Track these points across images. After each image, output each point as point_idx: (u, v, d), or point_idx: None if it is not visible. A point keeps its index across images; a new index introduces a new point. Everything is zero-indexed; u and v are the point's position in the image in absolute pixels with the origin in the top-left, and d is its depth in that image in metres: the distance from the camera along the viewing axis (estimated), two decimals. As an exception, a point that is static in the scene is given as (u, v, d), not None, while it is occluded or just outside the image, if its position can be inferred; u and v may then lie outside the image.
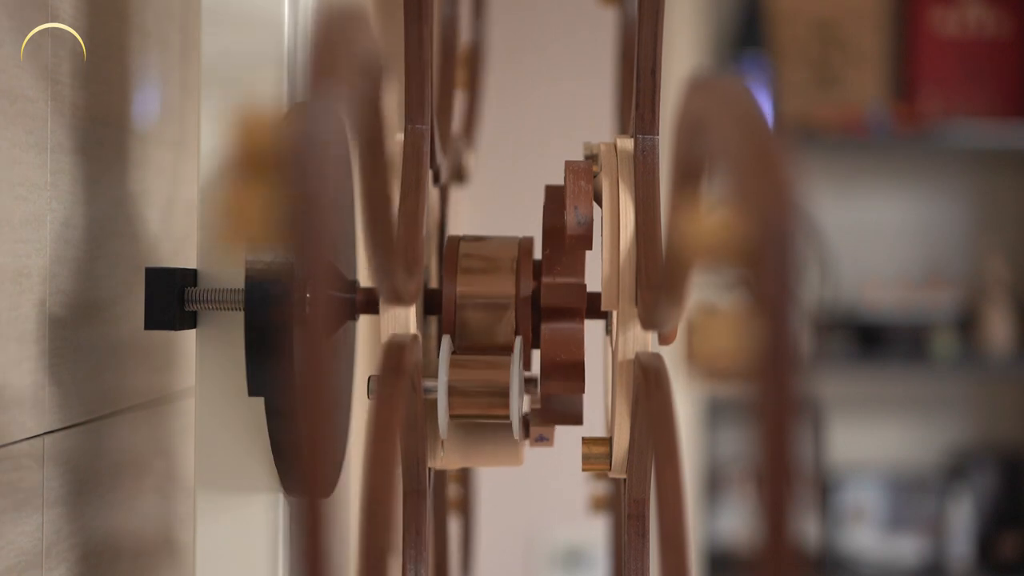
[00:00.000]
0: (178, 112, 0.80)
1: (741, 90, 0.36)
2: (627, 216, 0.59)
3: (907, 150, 2.51)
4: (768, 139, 0.32)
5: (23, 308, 0.57)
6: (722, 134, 0.34)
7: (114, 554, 0.69)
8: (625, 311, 0.59)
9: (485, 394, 0.61)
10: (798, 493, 0.28)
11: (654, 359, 0.57)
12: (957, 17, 2.48)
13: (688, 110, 0.39)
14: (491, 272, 0.63)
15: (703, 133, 0.37)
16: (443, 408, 0.60)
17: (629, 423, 0.59)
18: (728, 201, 0.31)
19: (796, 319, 0.28)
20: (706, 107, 0.37)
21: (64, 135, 0.61)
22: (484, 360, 0.61)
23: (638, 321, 0.58)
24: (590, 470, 0.62)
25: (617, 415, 0.59)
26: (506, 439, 0.65)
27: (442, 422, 0.60)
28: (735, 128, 0.33)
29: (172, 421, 0.79)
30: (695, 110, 0.39)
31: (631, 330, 0.59)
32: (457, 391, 0.60)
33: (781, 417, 0.28)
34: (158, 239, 0.75)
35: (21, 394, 0.57)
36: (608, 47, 1.10)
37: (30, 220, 0.58)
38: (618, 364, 0.59)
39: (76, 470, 0.63)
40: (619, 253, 0.59)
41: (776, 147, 0.31)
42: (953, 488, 2.46)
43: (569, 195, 0.57)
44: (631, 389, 0.58)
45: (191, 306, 0.59)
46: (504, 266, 0.63)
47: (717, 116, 0.35)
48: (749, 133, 0.32)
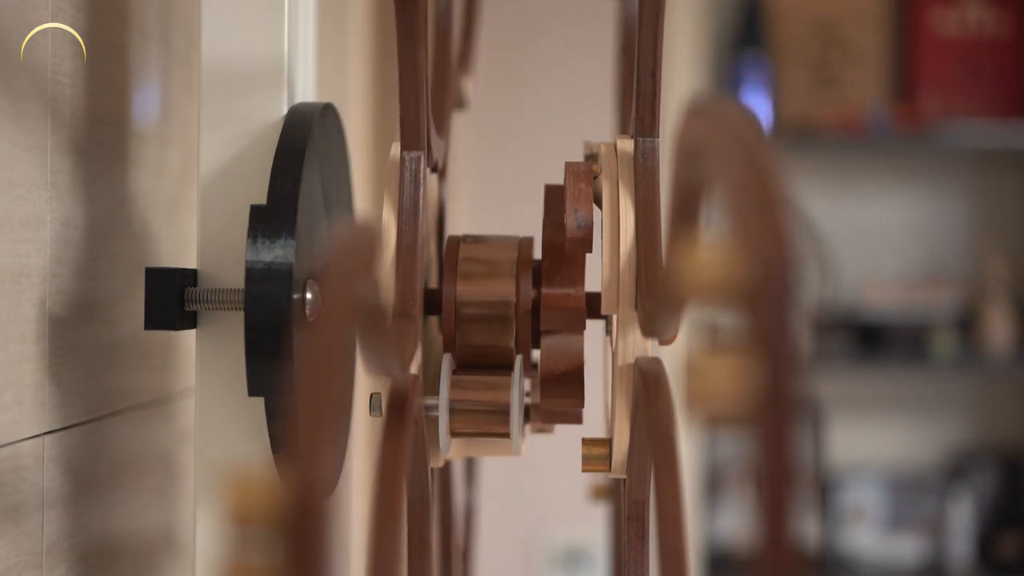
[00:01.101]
0: (178, 112, 0.80)
1: (741, 117, 0.36)
2: (627, 220, 0.59)
3: (907, 150, 2.50)
4: (768, 172, 0.31)
5: (23, 308, 0.57)
6: (721, 165, 0.34)
7: (114, 554, 0.69)
8: (625, 315, 0.59)
9: (486, 413, 0.61)
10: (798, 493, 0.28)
11: (654, 364, 0.56)
12: (957, 17, 2.48)
13: (687, 137, 0.39)
14: (491, 277, 0.63)
15: (702, 162, 0.37)
16: (444, 427, 0.61)
17: (629, 426, 0.59)
18: (727, 237, 0.30)
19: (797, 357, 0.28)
20: (705, 135, 0.37)
21: (64, 135, 0.61)
22: (485, 381, 0.62)
23: (638, 326, 0.58)
24: (590, 471, 0.62)
25: (617, 418, 0.59)
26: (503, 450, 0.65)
27: (443, 441, 0.61)
28: (734, 159, 0.33)
29: (172, 421, 0.79)
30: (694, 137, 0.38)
31: (631, 335, 0.59)
32: (458, 411, 0.61)
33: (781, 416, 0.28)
34: (158, 239, 0.75)
35: (21, 394, 0.57)
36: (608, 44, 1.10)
37: (30, 220, 0.58)
38: (618, 368, 0.59)
39: (76, 470, 0.63)
40: (619, 257, 0.59)
41: (776, 179, 0.31)
42: (953, 488, 2.46)
43: (569, 198, 0.57)
44: (631, 393, 0.58)
45: (191, 306, 0.59)
46: (504, 270, 0.63)
47: (716, 146, 0.35)
48: (748, 165, 0.32)
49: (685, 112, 0.40)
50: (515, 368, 0.61)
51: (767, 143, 0.33)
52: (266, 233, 0.57)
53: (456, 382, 0.61)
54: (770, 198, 0.30)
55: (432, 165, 0.66)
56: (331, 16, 1.30)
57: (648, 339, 0.58)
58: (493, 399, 0.61)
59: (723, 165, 0.33)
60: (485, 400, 0.61)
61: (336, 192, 0.67)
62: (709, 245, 0.30)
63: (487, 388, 0.61)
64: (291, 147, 0.59)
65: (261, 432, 0.59)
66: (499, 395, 0.61)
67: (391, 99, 1.65)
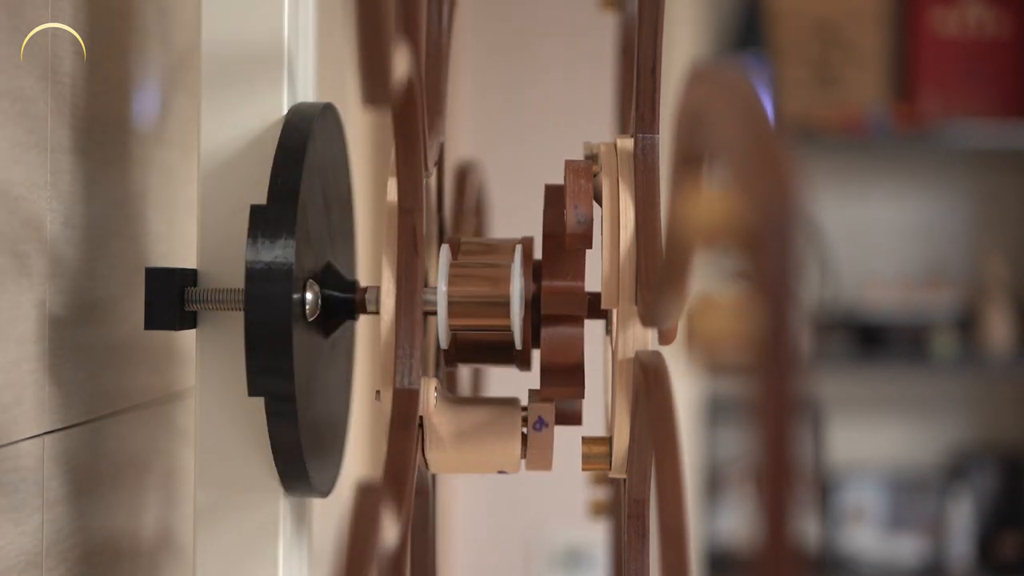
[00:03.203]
0: (178, 112, 0.80)
1: (742, 80, 0.36)
2: (627, 215, 0.59)
3: (907, 150, 2.51)
4: (768, 128, 0.31)
5: (23, 308, 0.57)
6: (722, 124, 0.34)
7: (114, 554, 0.69)
8: (625, 310, 0.59)
9: (486, 304, 0.61)
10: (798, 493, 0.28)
11: (654, 357, 0.57)
12: (957, 17, 2.48)
13: (689, 99, 0.39)
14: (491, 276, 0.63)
15: (703, 123, 0.37)
16: (443, 320, 0.60)
17: (629, 422, 0.59)
18: (728, 187, 0.30)
19: (797, 305, 0.28)
20: (707, 97, 0.37)
21: (64, 135, 0.61)
22: (483, 274, 0.61)
23: (638, 320, 0.58)
24: (590, 469, 0.62)
25: (617, 414, 0.59)
26: (504, 443, 0.64)
27: (442, 333, 0.60)
28: (735, 118, 0.33)
29: (172, 421, 0.79)
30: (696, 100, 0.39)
31: (631, 328, 0.59)
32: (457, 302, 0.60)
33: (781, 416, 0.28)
34: (158, 239, 0.75)
35: (21, 394, 0.57)
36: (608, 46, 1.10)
37: (30, 220, 0.58)
38: (618, 363, 0.59)
39: (76, 470, 0.63)
40: (619, 252, 0.59)
41: (775, 136, 0.31)
42: (953, 488, 2.46)
43: (569, 194, 0.57)
44: (631, 388, 0.58)
45: (191, 306, 0.59)
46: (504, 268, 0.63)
47: (717, 106, 0.35)
48: (749, 123, 0.32)
49: (687, 75, 0.40)
50: (515, 257, 0.61)
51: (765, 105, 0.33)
52: (266, 233, 0.57)
53: (456, 272, 0.60)
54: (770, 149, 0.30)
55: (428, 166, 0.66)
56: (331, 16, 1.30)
57: (648, 330, 0.58)
58: (493, 292, 0.60)
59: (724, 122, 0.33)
60: (484, 293, 0.60)
61: (336, 192, 0.67)
62: (711, 192, 0.30)
63: (487, 282, 0.61)
64: (291, 147, 0.59)
65: (261, 432, 0.59)
66: (499, 287, 0.60)
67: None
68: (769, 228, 0.29)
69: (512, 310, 0.60)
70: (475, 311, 0.61)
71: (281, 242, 0.57)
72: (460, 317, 0.60)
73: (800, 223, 0.29)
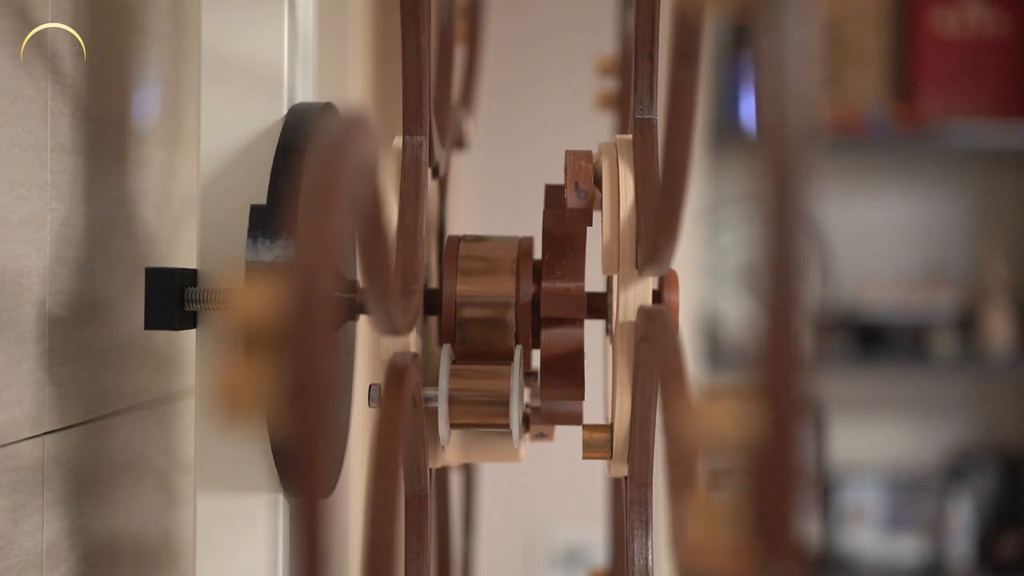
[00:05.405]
0: (178, 112, 0.80)
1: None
2: (627, 186, 0.59)
3: (907, 150, 2.51)
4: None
5: (23, 308, 0.57)
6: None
7: (114, 554, 0.69)
8: (626, 273, 0.59)
9: (485, 403, 0.61)
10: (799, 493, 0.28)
11: (657, 308, 0.57)
12: (957, 17, 2.48)
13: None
14: (491, 273, 0.63)
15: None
16: (444, 418, 0.60)
17: (630, 396, 0.58)
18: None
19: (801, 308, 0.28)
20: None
21: (64, 135, 0.61)
22: (484, 370, 0.61)
23: (638, 282, 0.59)
24: (591, 458, 0.62)
25: (618, 391, 0.59)
26: (506, 436, 0.65)
27: (443, 432, 0.61)
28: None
29: (172, 421, 0.79)
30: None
31: (632, 289, 0.59)
32: (457, 400, 0.61)
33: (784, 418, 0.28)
34: (158, 239, 0.75)
35: (21, 394, 0.57)
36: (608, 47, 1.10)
37: (30, 220, 0.58)
38: (618, 326, 0.59)
39: (76, 470, 0.63)
40: (619, 220, 0.59)
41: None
42: (953, 488, 2.46)
43: (569, 172, 0.58)
44: (631, 354, 0.58)
45: (191, 306, 0.59)
46: (504, 267, 0.63)
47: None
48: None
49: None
50: (515, 357, 0.61)
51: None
52: (266, 233, 0.57)
53: (456, 371, 0.61)
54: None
55: (433, 166, 0.66)
56: (331, 16, 1.30)
57: (649, 279, 0.59)
58: (493, 388, 0.61)
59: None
60: (485, 389, 0.61)
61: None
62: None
63: (487, 377, 0.61)
64: (291, 147, 0.59)
65: (261, 432, 0.59)
66: (499, 384, 0.61)
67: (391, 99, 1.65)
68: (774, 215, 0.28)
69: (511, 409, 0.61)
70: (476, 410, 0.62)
71: (281, 242, 0.57)
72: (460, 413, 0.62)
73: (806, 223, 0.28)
